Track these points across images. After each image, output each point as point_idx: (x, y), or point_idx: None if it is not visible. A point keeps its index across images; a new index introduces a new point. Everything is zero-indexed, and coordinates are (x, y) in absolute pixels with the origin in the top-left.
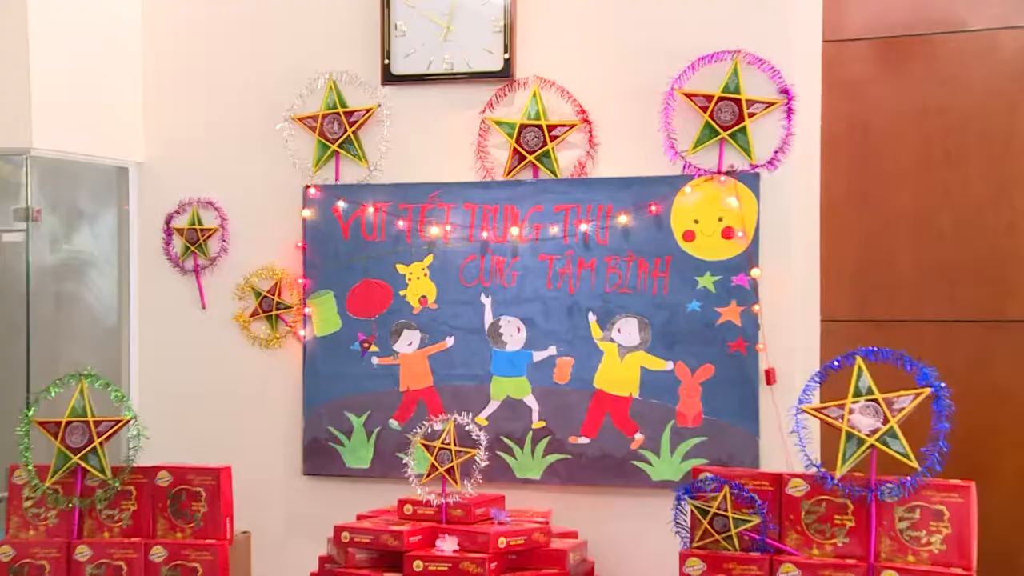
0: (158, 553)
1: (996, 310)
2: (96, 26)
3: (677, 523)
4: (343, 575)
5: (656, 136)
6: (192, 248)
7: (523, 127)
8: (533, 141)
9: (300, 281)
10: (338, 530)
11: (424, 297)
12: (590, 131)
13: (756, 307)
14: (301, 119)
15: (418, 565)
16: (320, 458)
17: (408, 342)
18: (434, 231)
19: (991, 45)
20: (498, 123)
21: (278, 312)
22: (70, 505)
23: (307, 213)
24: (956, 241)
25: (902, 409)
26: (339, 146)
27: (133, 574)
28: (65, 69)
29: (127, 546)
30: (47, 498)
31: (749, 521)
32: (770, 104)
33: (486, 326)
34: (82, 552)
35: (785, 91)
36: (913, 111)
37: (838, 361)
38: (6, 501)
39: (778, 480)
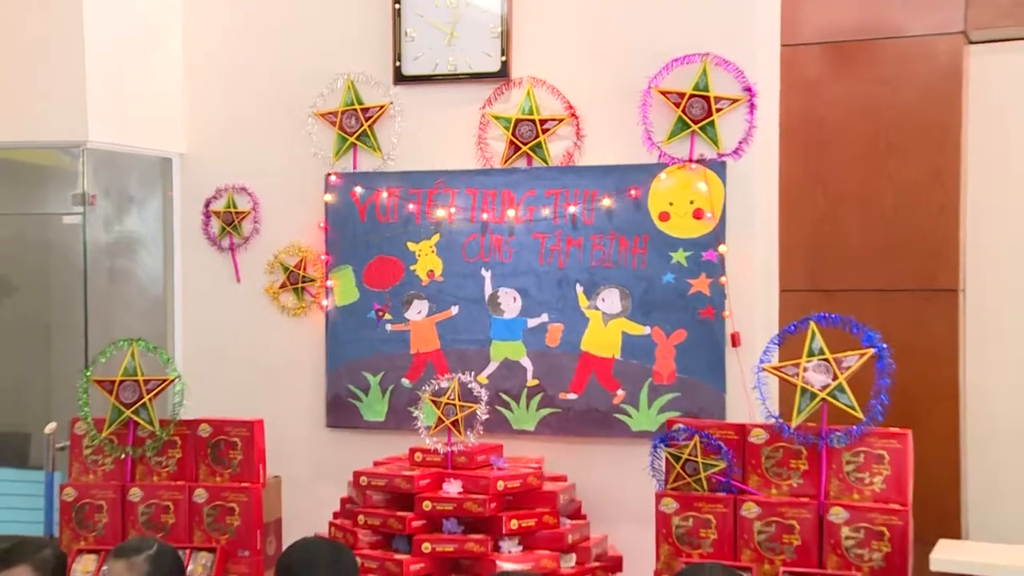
0: (200, 495)
1: (929, 281)
2: (143, 34)
3: (653, 468)
4: (361, 514)
5: (635, 129)
6: (228, 229)
7: (518, 121)
8: (527, 133)
9: (323, 257)
10: (357, 475)
11: (432, 271)
12: (577, 125)
13: (723, 279)
14: (323, 115)
15: (427, 505)
16: (341, 412)
17: (418, 310)
18: (440, 213)
19: (928, 49)
20: (496, 118)
21: (303, 285)
22: (124, 453)
23: (328, 197)
24: (896, 221)
25: (849, 367)
26: (356, 138)
27: (179, 513)
28: (116, 72)
29: (173, 488)
30: (104, 447)
31: (716, 466)
32: (735, 101)
33: (486, 296)
34: (135, 494)
35: (748, 89)
36: (860, 107)
37: (794, 326)
38: (68, 449)
39: (742, 430)
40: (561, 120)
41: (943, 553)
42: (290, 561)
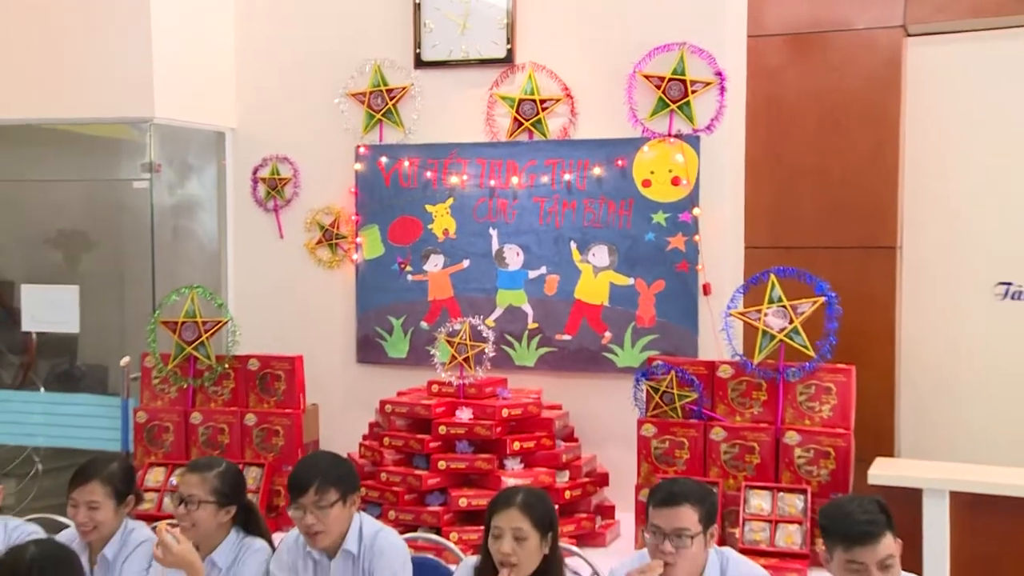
0: (250, 419)
1: (872, 239)
2: (201, 25)
3: (636, 398)
4: (387, 436)
5: (622, 108)
6: (272, 193)
7: (521, 101)
8: (529, 111)
9: (353, 217)
10: (383, 403)
11: (446, 229)
12: (572, 104)
13: (696, 237)
14: (353, 95)
15: (442, 429)
16: (369, 350)
17: (434, 263)
18: (454, 180)
19: (872, 41)
20: (502, 97)
21: (336, 241)
22: (186, 383)
23: (358, 166)
24: (844, 188)
25: (803, 312)
26: (382, 115)
27: (232, 434)
28: (178, 59)
29: (228, 413)
30: (169, 378)
31: (689, 396)
32: (708, 83)
33: (493, 251)
34: (195, 417)
35: (719, 74)
36: (813, 90)
37: (756, 277)
38: (140, 379)
39: (711, 366)
40: (558, 100)
41: (879, 469)
42: (301, 468)
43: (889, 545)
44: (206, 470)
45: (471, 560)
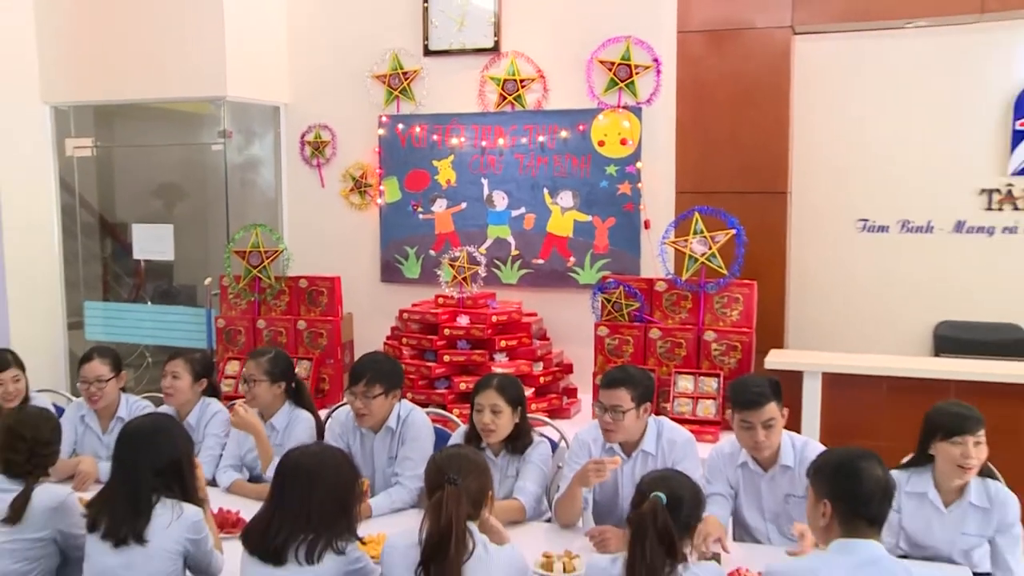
0: (301, 324)
1: (769, 187)
2: (262, 23)
3: (593, 307)
4: (404, 337)
5: (582, 85)
6: (316, 153)
7: (505, 80)
8: (511, 88)
9: (377, 171)
10: (401, 312)
11: (448, 179)
12: (544, 83)
13: (640, 185)
14: (376, 76)
15: (447, 331)
16: (391, 272)
17: (440, 205)
18: (454, 141)
19: (768, 37)
20: (491, 78)
21: (365, 189)
22: (253, 297)
23: (380, 131)
24: (749, 148)
25: (719, 241)
26: (399, 92)
27: (288, 335)
28: (245, 50)
29: (284, 320)
30: (241, 293)
31: (633, 305)
32: (647, 67)
33: (484, 196)
34: (260, 323)
35: (656, 60)
36: (727, 74)
37: (685, 215)
38: (219, 295)
39: (650, 282)
40: (534, 79)
41: (772, 358)
42: (360, 363)
43: (771, 410)
44: (260, 356)
45: (463, 428)
